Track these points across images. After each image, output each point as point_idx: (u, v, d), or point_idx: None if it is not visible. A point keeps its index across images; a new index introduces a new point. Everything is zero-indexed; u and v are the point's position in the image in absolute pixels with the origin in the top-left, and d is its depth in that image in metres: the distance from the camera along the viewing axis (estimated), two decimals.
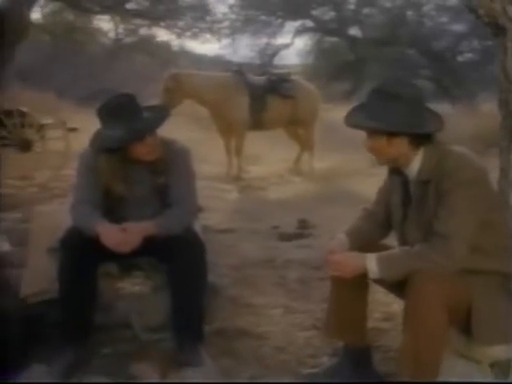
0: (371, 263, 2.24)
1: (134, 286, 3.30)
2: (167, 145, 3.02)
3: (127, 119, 2.80)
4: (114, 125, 2.81)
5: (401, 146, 2.31)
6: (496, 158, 2.72)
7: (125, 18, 14.22)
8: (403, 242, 2.41)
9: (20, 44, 10.72)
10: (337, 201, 6.43)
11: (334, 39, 20.36)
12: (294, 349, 2.98)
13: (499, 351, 2.30)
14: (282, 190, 7.74)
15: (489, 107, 9.34)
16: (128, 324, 3.08)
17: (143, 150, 2.88)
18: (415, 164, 2.33)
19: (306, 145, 8.96)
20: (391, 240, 2.60)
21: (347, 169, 8.48)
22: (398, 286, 2.28)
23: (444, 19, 15.95)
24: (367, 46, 17.55)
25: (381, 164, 2.43)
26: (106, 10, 12.90)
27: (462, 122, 10.00)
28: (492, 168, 2.48)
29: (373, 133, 2.33)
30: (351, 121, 2.38)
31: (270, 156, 9.81)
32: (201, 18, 14.13)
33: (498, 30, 2.43)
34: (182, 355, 2.77)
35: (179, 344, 2.83)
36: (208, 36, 15.08)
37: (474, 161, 2.29)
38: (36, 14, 12.79)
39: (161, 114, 2.98)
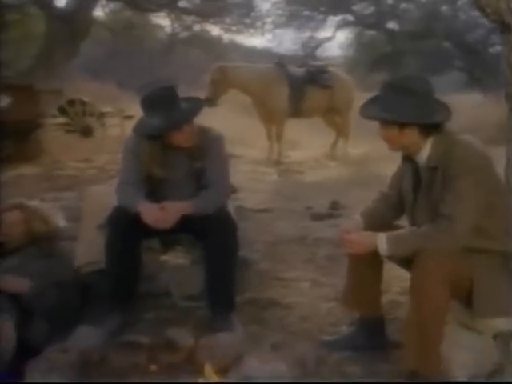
0: (381, 241, 2.25)
1: (176, 259, 3.39)
2: (203, 132, 3.06)
3: (166, 109, 2.83)
4: (154, 114, 2.86)
5: (411, 135, 2.30)
6: None
7: (177, 15, 14.30)
8: (413, 223, 2.41)
9: (84, 40, 10.94)
10: (368, 184, 6.36)
11: (372, 33, 20.01)
12: (317, 318, 3.00)
13: (501, 323, 2.29)
14: (318, 173, 7.72)
15: None
16: (168, 293, 3.17)
17: (180, 138, 2.92)
18: (425, 151, 2.32)
19: (341, 132, 8.91)
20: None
21: (379, 154, 8.36)
22: (408, 262, 2.28)
23: (476, 13, 15.45)
24: (404, 39, 17.20)
25: (393, 150, 2.42)
26: (160, 8, 12.98)
27: (493, 111, 9.76)
28: None
29: (386, 123, 2.32)
30: (366, 113, 2.38)
31: (308, 142, 9.78)
32: (246, 15, 14.10)
33: (504, 27, 2.38)
34: (214, 322, 2.82)
35: (212, 312, 2.89)
36: (252, 31, 15.04)
37: (479, 149, 2.27)
38: (98, 13, 12.96)
39: (196, 105, 3.00)
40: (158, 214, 2.77)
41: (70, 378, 2.28)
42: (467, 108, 11.72)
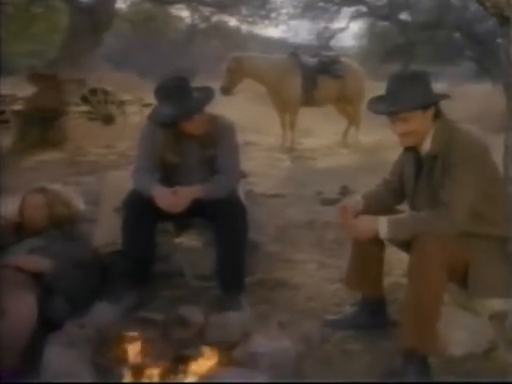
0: (382, 225, 2.26)
1: (190, 241, 3.42)
2: (215, 120, 3.07)
3: (177, 99, 2.85)
4: (166, 103, 2.88)
5: (429, 118, 2.31)
6: None
7: (195, 6, 14.24)
8: (413, 209, 2.42)
9: (106, 32, 10.96)
10: (377, 171, 6.31)
11: (385, 24, 19.71)
12: (322, 298, 3.03)
13: (496, 304, 2.31)
14: (330, 160, 7.68)
15: None
16: (182, 273, 3.20)
17: (191, 126, 2.94)
18: (427, 140, 2.33)
19: (353, 120, 8.86)
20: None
21: (389, 142, 8.31)
22: (408, 246, 2.28)
23: None
24: (416, 29, 16.96)
25: (405, 144, 2.41)
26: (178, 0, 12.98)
27: (501, 100, 9.62)
28: None
29: (394, 116, 2.32)
30: (374, 108, 2.40)
31: (320, 130, 9.74)
32: (262, 6, 13.99)
33: (503, 21, 2.37)
34: (224, 301, 2.86)
35: (223, 291, 2.93)
36: (267, 22, 14.93)
37: (477, 138, 2.27)
38: (119, 5, 12.96)
39: (207, 95, 3.00)
40: (170, 199, 2.80)
41: (87, 352, 2.32)
42: (477, 97, 11.58)
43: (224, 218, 2.89)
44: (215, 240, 3.00)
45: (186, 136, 2.99)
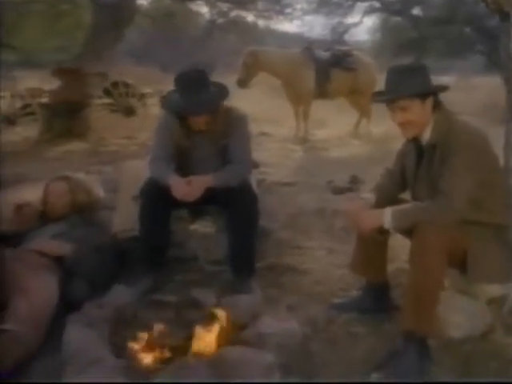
0: (387, 216, 2.25)
1: (203, 228, 3.44)
2: (228, 112, 3.05)
3: (193, 93, 2.85)
4: (181, 94, 2.88)
5: (429, 107, 2.30)
6: None
7: (213, 2, 14.19)
8: (415, 197, 2.42)
9: (128, 28, 10.97)
10: (386, 161, 6.30)
11: (398, 19, 19.47)
12: (330, 283, 3.04)
13: (494, 289, 2.31)
14: (341, 150, 7.64)
15: None
16: (195, 258, 3.23)
17: (200, 121, 2.95)
18: (427, 130, 2.32)
19: (364, 112, 8.79)
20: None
21: (399, 133, 8.25)
22: (410, 233, 2.27)
23: None
24: (428, 24, 16.73)
25: (407, 136, 2.41)
26: None
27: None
28: None
29: (392, 105, 2.31)
30: (375, 98, 2.40)
31: (333, 121, 9.67)
32: (277, 2, 13.88)
33: (503, 16, 2.34)
34: (235, 284, 2.89)
35: (234, 275, 2.95)
36: (282, 17, 14.81)
37: (474, 129, 2.26)
38: (141, 2, 12.97)
39: (220, 95, 2.98)
40: (185, 188, 2.81)
41: (105, 331, 2.36)
42: (485, 89, 11.43)
43: (236, 206, 2.90)
44: (227, 227, 3.01)
45: (199, 127, 3.00)
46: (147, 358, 2.14)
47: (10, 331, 2.17)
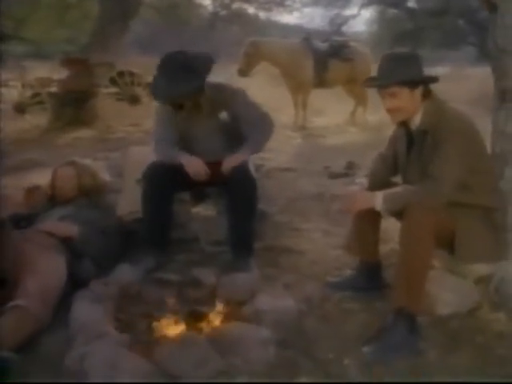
0: (378, 199, 2.25)
1: (205, 210, 3.45)
2: (220, 88, 3.02)
3: (174, 78, 2.80)
4: (163, 79, 2.85)
5: (418, 96, 2.29)
6: None
7: None
8: (406, 181, 2.41)
9: (133, 19, 10.91)
10: (382, 147, 6.28)
11: (394, 11, 19.40)
12: (325, 263, 3.05)
13: (481, 268, 2.32)
14: (338, 137, 7.63)
15: None
16: (197, 239, 3.23)
17: (187, 103, 2.93)
18: (417, 117, 2.32)
19: (360, 100, 8.76)
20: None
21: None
22: (400, 214, 2.27)
23: None
24: (423, 16, 16.72)
25: (396, 121, 2.40)
26: None
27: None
28: None
29: (383, 91, 2.31)
30: (366, 84, 2.39)
31: (330, 109, 9.64)
32: None
33: (491, 7, 2.32)
34: (234, 263, 2.89)
35: (233, 255, 2.95)
36: (282, 9, 14.75)
37: (463, 115, 2.26)
38: None
39: (202, 75, 2.89)
40: (201, 166, 2.81)
41: (110, 307, 2.37)
42: (477, 79, 11.34)
43: (236, 190, 2.90)
44: (227, 209, 3.01)
45: (193, 108, 2.98)
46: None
47: (22, 307, 2.20)
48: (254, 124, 2.97)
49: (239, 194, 2.91)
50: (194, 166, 2.81)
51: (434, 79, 2.33)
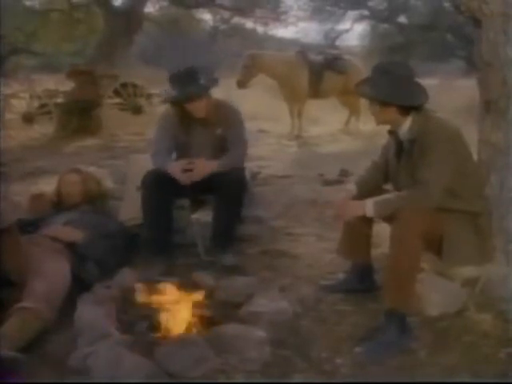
0: (369, 206, 2.25)
1: (203, 216, 3.43)
2: (221, 105, 3.18)
3: (183, 84, 2.97)
4: (175, 87, 3.01)
5: (391, 113, 2.30)
6: None
7: (215, 10, 14.20)
8: (396, 187, 2.41)
9: (137, 33, 10.99)
10: (374, 155, 6.28)
11: (385, 25, 19.49)
12: (319, 266, 3.05)
13: (468, 271, 2.31)
14: (332, 146, 7.63)
15: None
16: (195, 244, 3.22)
17: (194, 108, 3.03)
18: (405, 126, 2.32)
19: (354, 110, 8.76)
20: None
21: (385, 130, 8.23)
22: (390, 219, 2.27)
23: None
24: (413, 31, 16.80)
25: (378, 124, 2.42)
26: (199, 4, 12.91)
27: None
28: None
29: (371, 100, 2.32)
30: (358, 90, 2.40)
31: (325, 119, 9.65)
32: (273, 10, 13.87)
33: (476, 23, 2.34)
34: (217, 256, 2.96)
35: (212, 242, 3.03)
36: (278, 24, 14.81)
37: (448, 124, 2.28)
38: (149, 9, 12.95)
39: (209, 83, 3.08)
40: (183, 169, 2.90)
41: (112, 309, 2.36)
42: (465, 91, 11.37)
43: (224, 188, 2.97)
44: (214, 206, 3.09)
45: (195, 119, 3.07)
46: None
47: (28, 308, 2.20)
48: (236, 146, 3.11)
49: (227, 191, 2.98)
50: (175, 171, 2.90)
51: (423, 101, 2.29)
